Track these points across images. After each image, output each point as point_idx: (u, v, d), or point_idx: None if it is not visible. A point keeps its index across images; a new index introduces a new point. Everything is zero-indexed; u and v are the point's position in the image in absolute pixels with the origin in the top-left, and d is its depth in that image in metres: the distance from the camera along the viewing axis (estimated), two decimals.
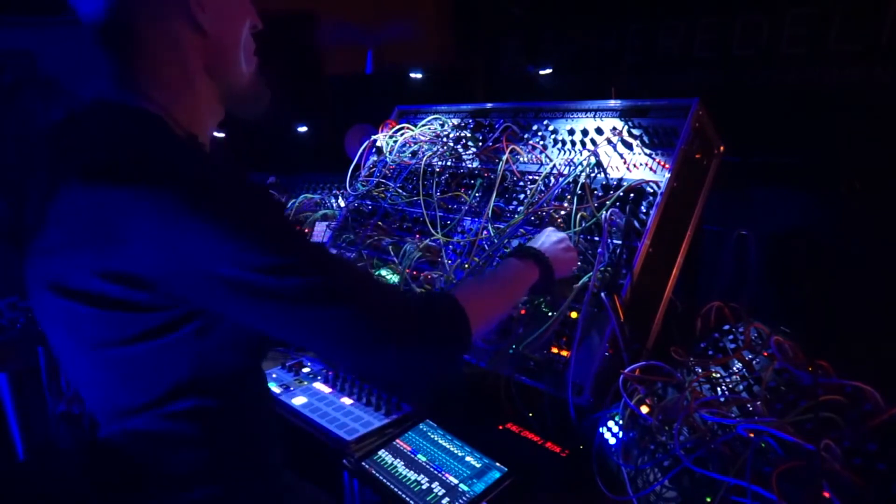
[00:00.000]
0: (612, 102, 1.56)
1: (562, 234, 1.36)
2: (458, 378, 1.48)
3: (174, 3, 0.93)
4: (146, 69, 0.94)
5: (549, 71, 3.24)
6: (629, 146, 1.48)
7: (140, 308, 0.86)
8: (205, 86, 1.00)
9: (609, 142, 1.50)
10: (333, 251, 1.42)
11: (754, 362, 1.23)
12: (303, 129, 3.38)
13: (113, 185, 0.81)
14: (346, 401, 1.55)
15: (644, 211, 1.37)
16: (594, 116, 1.59)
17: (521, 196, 1.59)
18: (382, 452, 1.33)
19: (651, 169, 1.42)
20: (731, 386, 1.20)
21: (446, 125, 1.90)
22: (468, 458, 1.29)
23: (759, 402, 1.13)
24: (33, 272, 0.94)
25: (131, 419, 0.96)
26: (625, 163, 1.46)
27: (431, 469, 1.27)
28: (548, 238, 1.33)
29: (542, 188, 1.55)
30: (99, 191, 0.82)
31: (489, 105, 1.85)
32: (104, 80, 0.95)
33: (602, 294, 1.28)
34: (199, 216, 0.81)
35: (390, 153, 1.97)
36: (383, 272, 1.72)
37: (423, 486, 1.22)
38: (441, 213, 1.71)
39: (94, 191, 0.83)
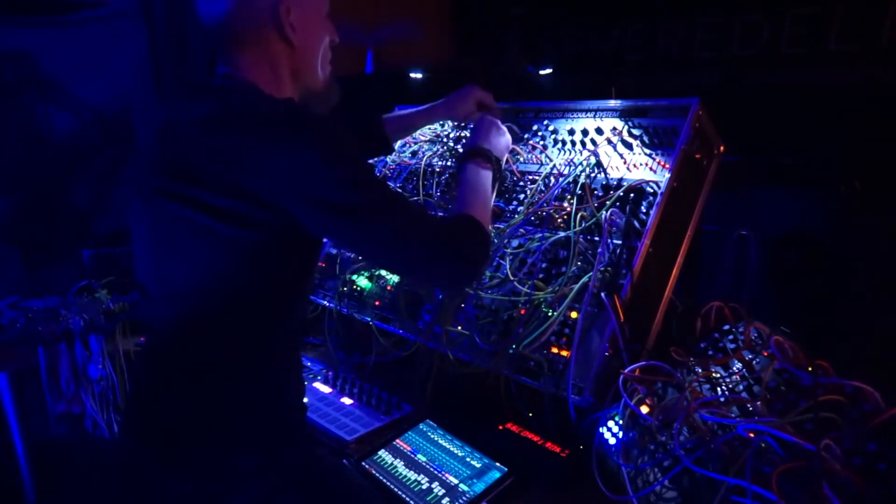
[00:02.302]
0: (612, 102, 1.56)
1: (494, 121, 1.56)
2: (457, 378, 1.49)
3: (272, 22, 1.16)
4: (245, 66, 1.18)
5: (549, 71, 3.24)
6: (629, 146, 1.48)
7: (250, 224, 1.06)
8: (289, 85, 1.24)
9: (609, 142, 1.50)
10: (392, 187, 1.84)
11: (754, 362, 1.23)
12: None
13: (245, 132, 1.05)
14: (346, 401, 1.55)
15: (644, 211, 1.37)
16: (594, 116, 1.59)
17: (521, 196, 1.59)
18: (382, 452, 1.33)
19: (651, 169, 1.42)
20: (731, 386, 1.20)
21: (446, 125, 1.90)
22: (468, 458, 1.29)
23: (759, 402, 1.13)
24: (154, 190, 1.13)
25: (199, 319, 1.13)
26: (625, 163, 1.46)
27: (431, 469, 1.27)
28: (487, 131, 1.52)
29: (542, 188, 1.55)
30: (234, 135, 1.05)
31: None
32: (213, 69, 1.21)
33: (602, 294, 1.28)
34: (313, 153, 1.04)
35: None
36: (383, 272, 1.72)
37: (423, 486, 1.22)
38: (441, 213, 1.71)
39: (230, 135, 1.06)
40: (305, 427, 1.34)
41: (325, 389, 1.62)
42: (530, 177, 1.61)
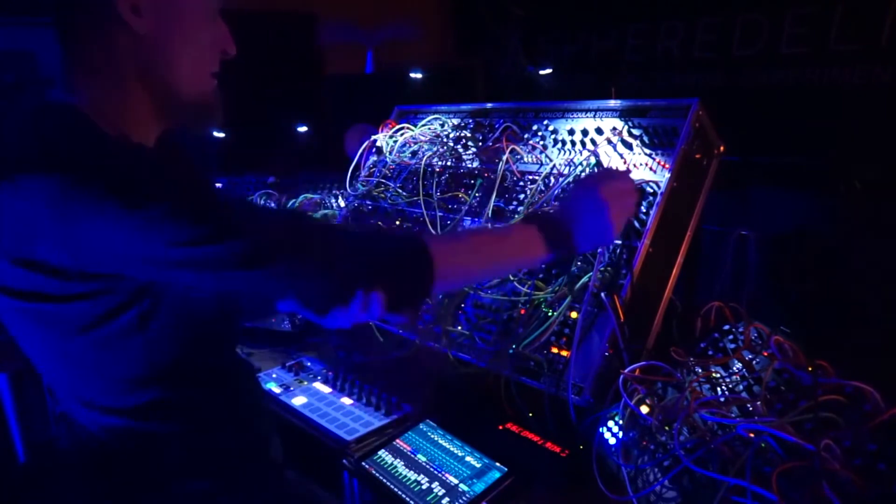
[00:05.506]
0: (612, 102, 1.56)
1: (625, 199, 1.15)
2: (457, 378, 1.49)
3: (108, 5, 0.91)
4: (81, 67, 0.96)
5: (549, 71, 3.24)
6: (629, 146, 1.48)
7: (58, 298, 0.87)
8: (137, 89, 0.99)
9: (609, 142, 1.50)
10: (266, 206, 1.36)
11: (754, 362, 1.23)
12: (303, 129, 3.39)
13: (23, 178, 0.83)
14: (346, 401, 1.55)
15: (644, 211, 1.37)
16: (594, 116, 1.59)
17: (521, 196, 1.59)
18: (382, 452, 1.33)
19: (651, 169, 1.42)
20: (731, 386, 1.20)
21: (446, 125, 1.90)
22: (468, 458, 1.29)
23: (759, 402, 1.13)
24: None
25: (104, 416, 0.99)
26: (625, 163, 1.46)
27: (431, 469, 1.27)
28: (585, 197, 1.14)
29: (542, 188, 1.55)
30: (13, 185, 0.83)
31: (489, 105, 1.85)
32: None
33: (602, 294, 1.28)
34: (108, 207, 0.81)
35: (390, 153, 1.97)
36: None
37: (423, 486, 1.22)
38: (441, 213, 1.71)
39: (9, 185, 0.84)
40: (265, 446, 1.23)
41: (325, 389, 1.61)
42: (530, 177, 1.61)
